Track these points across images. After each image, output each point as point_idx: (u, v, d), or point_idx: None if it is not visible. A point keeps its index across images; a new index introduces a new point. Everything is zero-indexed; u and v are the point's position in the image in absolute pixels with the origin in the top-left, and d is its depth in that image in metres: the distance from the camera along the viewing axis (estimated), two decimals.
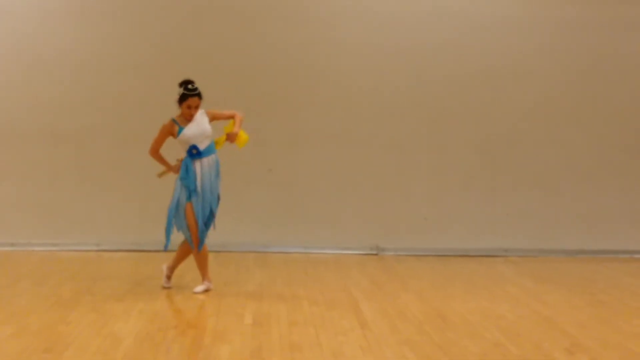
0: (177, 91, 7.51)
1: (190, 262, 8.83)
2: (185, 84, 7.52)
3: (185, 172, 7.45)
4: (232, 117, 7.72)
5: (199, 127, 7.49)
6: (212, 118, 7.63)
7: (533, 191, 10.37)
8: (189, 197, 7.47)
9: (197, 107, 7.50)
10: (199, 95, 7.50)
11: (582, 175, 10.41)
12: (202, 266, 7.68)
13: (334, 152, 10.20)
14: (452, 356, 5.63)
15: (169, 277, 7.83)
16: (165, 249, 7.71)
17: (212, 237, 9.92)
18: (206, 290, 7.62)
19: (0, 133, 9.97)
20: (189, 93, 7.45)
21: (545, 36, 10.29)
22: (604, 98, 10.41)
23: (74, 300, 7.15)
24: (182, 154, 7.54)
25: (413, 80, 10.22)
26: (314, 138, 10.20)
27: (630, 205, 10.45)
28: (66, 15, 10.02)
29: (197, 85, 7.52)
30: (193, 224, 7.48)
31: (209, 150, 7.54)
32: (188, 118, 7.52)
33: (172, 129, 7.51)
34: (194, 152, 7.46)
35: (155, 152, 7.65)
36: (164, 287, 7.75)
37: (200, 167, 7.48)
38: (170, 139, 7.58)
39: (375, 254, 10.14)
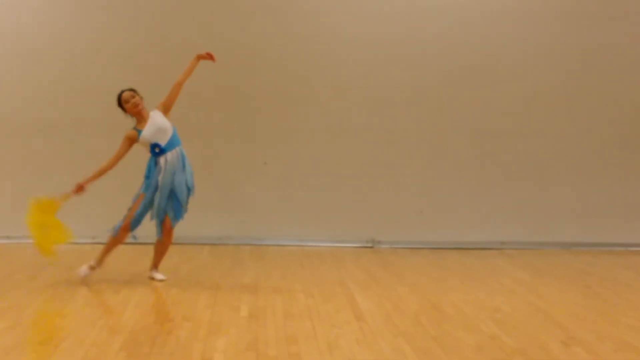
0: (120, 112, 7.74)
1: (184, 255, 8.88)
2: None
3: (148, 172, 7.66)
4: (178, 85, 7.81)
5: (155, 124, 7.58)
6: (166, 107, 7.73)
7: (528, 184, 10.38)
8: (146, 189, 7.63)
9: (132, 97, 7.62)
10: (129, 90, 7.67)
11: (577, 168, 10.42)
12: (105, 251, 7.79)
13: (329, 145, 10.21)
14: (447, 348, 5.64)
15: (155, 268, 7.87)
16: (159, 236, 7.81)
17: (209, 230, 9.98)
18: (88, 274, 7.71)
19: None
20: (119, 94, 7.67)
21: (540, 28, 10.29)
22: (598, 91, 10.41)
23: (70, 293, 7.15)
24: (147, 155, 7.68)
25: (408, 73, 10.22)
26: (309, 131, 10.20)
27: (625, 198, 10.47)
28: (61, 5, 10.00)
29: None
30: (134, 211, 7.64)
31: (172, 144, 7.61)
32: (136, 112, 7.63)
33: (134, 135, 7.61)
34: (157, 150, 7.58)
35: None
36: (160, 280, 7.76)
37: (164, 162, 7.58)
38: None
39: (371, 247, 10.15)
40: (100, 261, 7.81)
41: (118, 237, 7.77)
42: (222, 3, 10.06)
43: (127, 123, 7.79)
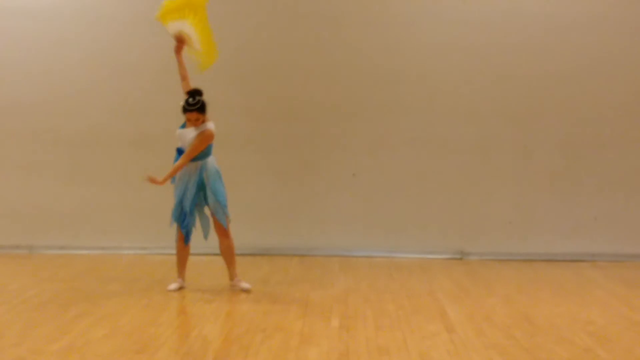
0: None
1: (274, 266, 8.98)
2: (189, 95, 7.71)
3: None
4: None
5: (187, 135, 7.72)
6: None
7: (621, 194, 10.17)
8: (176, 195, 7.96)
9: (197, 120, 7.64)
10: (197, 110, 7.62)
11: None
12: (178, 264, 8.04)
13: (417, 155, 10.19)
14: None
15: (235, 276, 8.01)
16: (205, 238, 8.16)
17: (297, 241, 10.05)
18: (176, 287, 7.89)
19: (88, 138, 10.21)
20: (185, 107, 7.64)
21: (633, 34, 10.10)
22: None
23: (164, 303, 7.30)
24: None
25: (496, 81, 10.13)
26: (397, 142, 10.20)
27: None
28: (151, 19, 10.20)
29: (199, 97, 7.70)
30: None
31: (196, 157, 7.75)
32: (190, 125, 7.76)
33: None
34: (179, 155, 7.82)
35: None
36: (245, 290, 7.88)
37: (179, 174, 7.82)
38: None
39: (460, 258, 10.09)
40: (180, 274, 7.99)
41: (177, 247, 8.00)
42: (310, 14, 10.15)
43: (221, 133, 7.91)
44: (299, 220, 10.07)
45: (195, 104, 7.59)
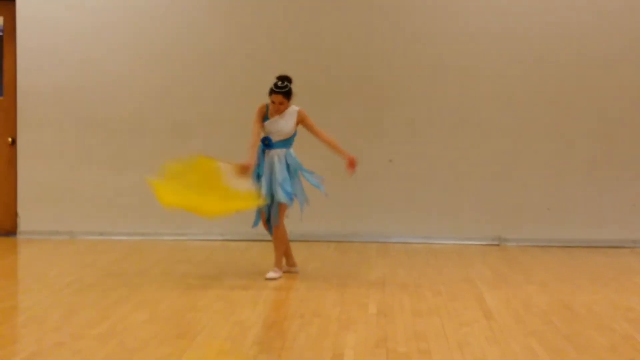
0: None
1: (311, 252, 9.01)
2: (278, 79, 7.71)
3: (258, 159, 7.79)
4: (319, 137, 7.83)
5: (280, 124, 7.71)
6: (301, 121, 7.77)
7: None
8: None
9: (281, 104, 7.67)
10: (283, 93, 7.64)
11: None
12: (276, 252, 7.93)
13: (454, 141, 10.15)
14: (579, 348, 5.56)
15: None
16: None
17: (335, 227, 10.05)
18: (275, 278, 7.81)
19: (127, 124, 10.26)
20: (273, 89, 7.65)
21: None
22: None
23: (202, 288, 7.34)
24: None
25: (534, 67, 10.06)
26: (434, 128, 10.16)
27: None
28: (190, 8, 10.24)
29: (288, 82, 7.71)
30: None
31: (281, 145, 7.73)
32: (272, 111, 7.73)
33: (262, 113, 7.78)
34: (266, 143, 7.73)
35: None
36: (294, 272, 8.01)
37: (267, 156, 7.73)
38: None
39: (497, 245, 10.06)
40: (279, 263, 7.96)
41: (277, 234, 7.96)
42: (346, 1, 10.14)
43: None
44: (335, 207, 10.04)
45: (283, 88, 7.67)
